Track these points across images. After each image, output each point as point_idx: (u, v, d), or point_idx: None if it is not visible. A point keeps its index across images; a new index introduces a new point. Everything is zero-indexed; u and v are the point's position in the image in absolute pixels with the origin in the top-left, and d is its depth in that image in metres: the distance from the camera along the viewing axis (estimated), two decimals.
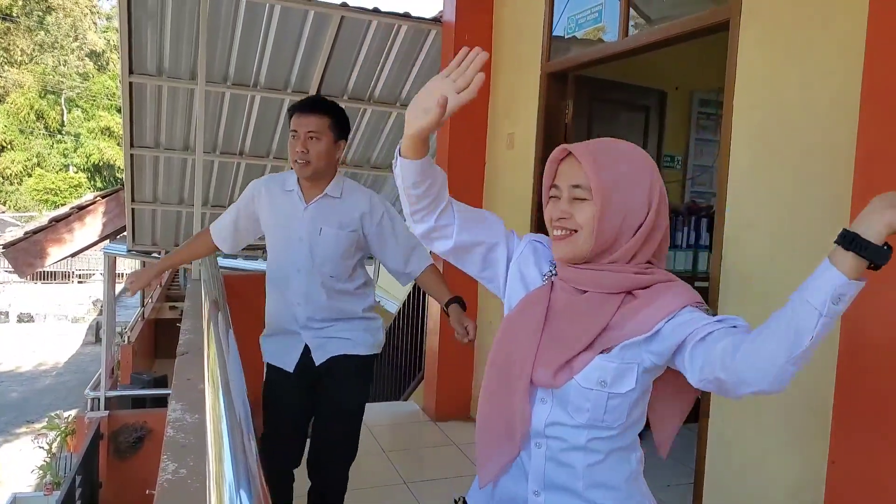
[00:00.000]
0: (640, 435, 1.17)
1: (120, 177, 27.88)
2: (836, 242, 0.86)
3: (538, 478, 1.13)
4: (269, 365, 2.25)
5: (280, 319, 2.20)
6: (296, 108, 2.10)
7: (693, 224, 4.15)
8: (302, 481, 2.27)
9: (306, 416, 2.27)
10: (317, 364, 2.16)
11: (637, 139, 3.71)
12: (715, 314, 1.05)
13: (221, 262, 4.30)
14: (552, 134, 3.48)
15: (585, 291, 1.10)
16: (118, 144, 29.27)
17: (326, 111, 2.09)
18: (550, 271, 1.18)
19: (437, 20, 4.40)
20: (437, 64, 4.59)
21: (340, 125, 2.13)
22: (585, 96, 3.49)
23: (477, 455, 1.18)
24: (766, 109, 2.18)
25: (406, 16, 4.39)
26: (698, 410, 2.49)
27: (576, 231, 1.08)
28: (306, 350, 2.16)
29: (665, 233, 1.12)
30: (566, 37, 3.45)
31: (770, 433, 2.18)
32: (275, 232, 2.19)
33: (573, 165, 1.09)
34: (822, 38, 2.00)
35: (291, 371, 2.17)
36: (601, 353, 1.06)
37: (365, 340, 2.21)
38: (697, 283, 4.01)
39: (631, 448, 1.15)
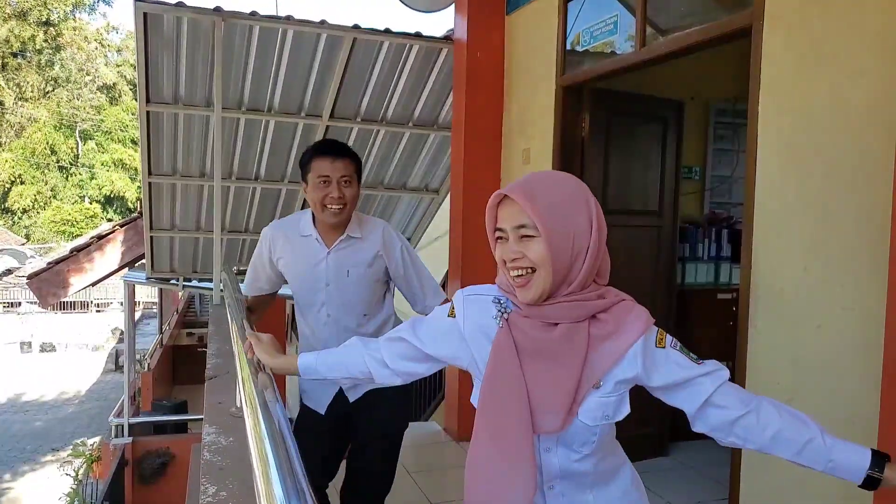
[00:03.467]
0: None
1: (132, 208, 28.25)
2: (871, 469, 1.11)
3: None
4: (302, 403, 2.25)
5: None
6: (322, 152, 2.05)
7: (714, 236, 4.11)
8: None
9: (337, 455, 2.27)
10: (351, 402, 2.16)
11: (655, 151, 3.69)
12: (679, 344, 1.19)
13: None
14: (569, 148, 3.47)
15: (556, 324, 1.11)
16: (130, 177, 29.77)
17: (354, 156, 2.09)
18: (500, 312, 1.18)
19: (448, 38, 4.44)
20: (448, 82, 4.61)
21: (360, 170, 2.14)
22: (601, 109, 3.48)
23: None
24: (793, 115, 2.15)
25: (418, 35, 4.43)
26: None
27: (533, 270, 1.10)
28: (339, 391, 2.16)
29: (605, 250, 1.16)
30: (579, 50, 3.46)
31: None
32: (300, 279, 2.16)
33: (512, 206, 1.11)
34: (852, 38, 1.97)
35: (323, 413, 2.16)
36: (594, 388, 1.12)
37: None
38: (720, 295, 4.04)
39: (617, 453, 1.26)
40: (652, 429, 3.68)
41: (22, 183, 28.98)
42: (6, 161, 28.74)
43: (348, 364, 1.35)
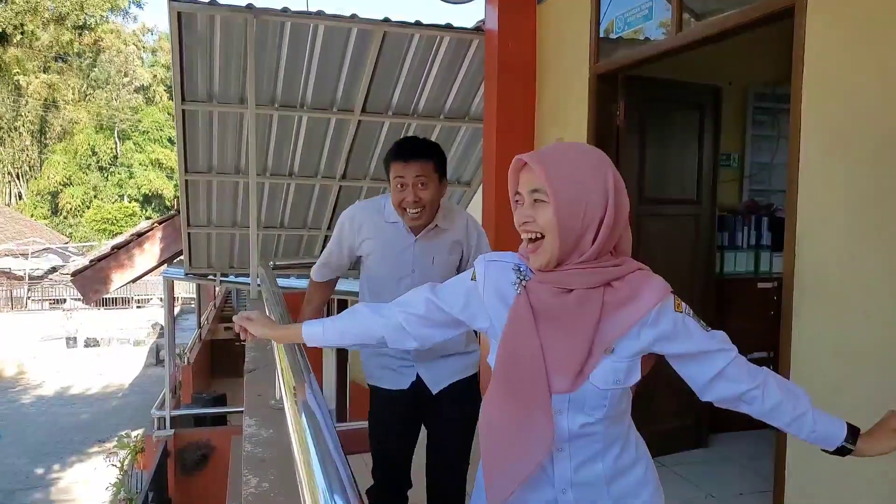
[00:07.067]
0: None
1: (169, 205, 28.91)
2: (846, 441, 1.21)
3: (565, 478, 1.18)
4: (374, 388, 2.21)
5: (388, 352, 2.11)
6: (398, 155, 2.02)
7: (753, 224, 4.01)
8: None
9: (411, 443, 2.25)
10: (434, 393, 2.13)
11: (692, 138, 3.61)
12: (699, 317, 1.20)
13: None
14: (604, 136, 3.41)
15: (571, 290, 1.12)
16: (167, 176, 30.44)
17: (430, 155, 2.03)
18: (519, 279, 1.19)
19: (478, 29, 4.40)
20: (479, 73, 4.58)
21: (442, 165, 2.08)
22: (636, 97, 3.41)
23: (486, 473, 1.18)
24: (839, 98, 2.08)
25: (448, 27, 4.40)
26: None
27: (542, 236, 1.12)
28: (417, 379, 2.13)
29: (626, 224, 1.17)
30: (612, 37, 3.40)
31: None
32: (380, 264, 2.13)
33: (531, 172, 1.13)
34: None
35: (407, 388, 2.13)
36: (606, 353, 1.13)
37: (468, 363, 2.22)
38: (760, 284, 3.94)
39: (629, 429, 1.26)
40: (690, 420, 3.62)
41: (71, 184, 29.93)
42: (58, 163, 29.71)
43: (358, 332, 1.33)
